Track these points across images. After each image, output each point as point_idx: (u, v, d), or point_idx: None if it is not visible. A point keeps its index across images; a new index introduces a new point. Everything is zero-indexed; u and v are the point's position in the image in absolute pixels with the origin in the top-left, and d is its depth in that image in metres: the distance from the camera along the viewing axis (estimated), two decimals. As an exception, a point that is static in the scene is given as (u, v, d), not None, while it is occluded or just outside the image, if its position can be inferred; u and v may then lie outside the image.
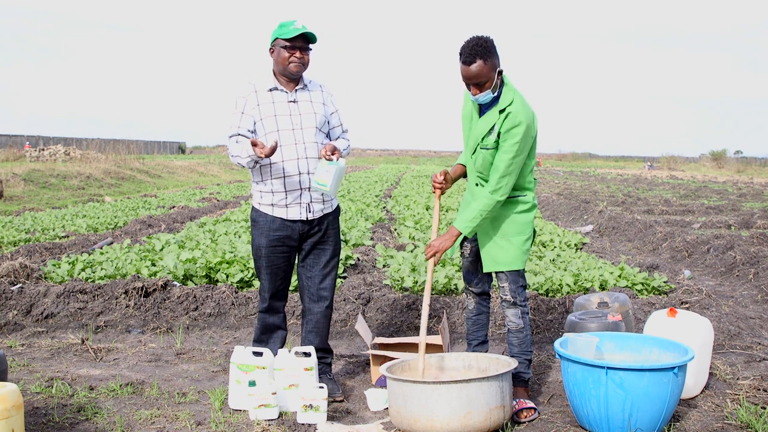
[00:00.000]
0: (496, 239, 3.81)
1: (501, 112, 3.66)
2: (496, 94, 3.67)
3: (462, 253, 4.06)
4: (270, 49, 3.95)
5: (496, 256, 3.81)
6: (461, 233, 3.77)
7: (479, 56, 3.54)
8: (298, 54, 3.87)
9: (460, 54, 3.61)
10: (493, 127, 3.68)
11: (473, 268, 4.03)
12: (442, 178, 3.90)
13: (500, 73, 3.63)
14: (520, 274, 3.84)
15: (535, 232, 3.95)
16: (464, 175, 4.06)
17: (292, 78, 3.96)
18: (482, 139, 3.73)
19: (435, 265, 3.84)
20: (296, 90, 3.98)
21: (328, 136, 4.10)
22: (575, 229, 11.44)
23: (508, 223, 3.80)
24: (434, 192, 3.96)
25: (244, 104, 3.94)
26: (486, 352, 4.08)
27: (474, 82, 3.61)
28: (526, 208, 3.84)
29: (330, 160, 3.78)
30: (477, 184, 3.89)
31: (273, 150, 3.65)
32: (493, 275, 4.05)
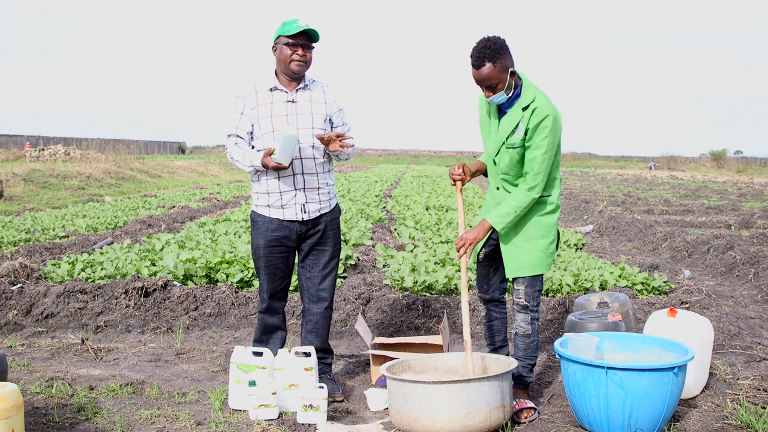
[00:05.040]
0: (520, 243, 3.74)
1: (525, 109, 3.60)
2: (510, 94, 3.63)
3: (477, 257, 3.99)
4: (273, 47, 3.94)
5: (521, 261, 3.73)
6: (492, 227, 3.72)
7: (488, 59, 3.51)
8: (300, 51, 3.86)
9: (470, 57, 3.57)
10: (518, 125, 3.62)
11: (485, 273, 3.97)
12: (461, 170, 3.85)
13: (513, 73, 3.57)
14: (537, 278, 3.77)
15: (559, 234, 3.87)
16: (484, 173, 3.98)
17: (293, 77, 3.95)
18: (507, 138, 3.67)
19: (468, 257, 3.73)
20: (296, 90, 3.97)
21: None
22: (575, 229, 11.44)
23: (532, 225, 3.73)
24: (454, 185, 3.91)
25: (243, 105, 3.94)
26: (507, 355, 4.00)
27: (485, 85, 3.58)
28: (551, 209, 3.77)
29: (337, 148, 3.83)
30: (498, 188, 3.84)
31: (278, 168, 3.74)
32: (509, 281, 3.97)
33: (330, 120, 4.04)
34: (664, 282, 6.56)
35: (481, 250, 3.95)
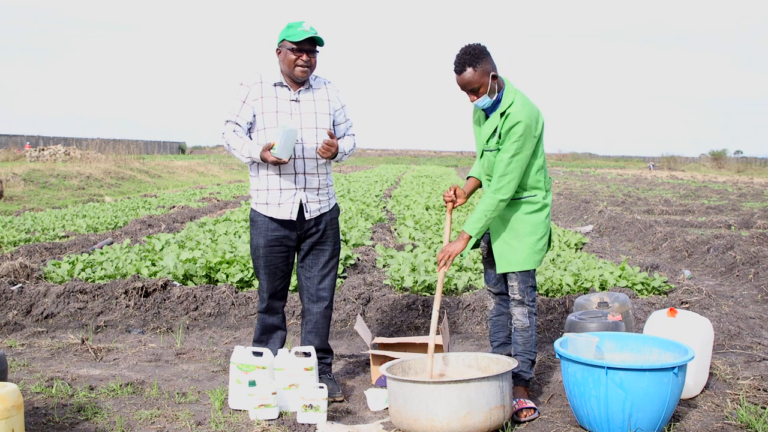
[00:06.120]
0: (508, 240, 3.84)
1: (502, 114, 3.73)
2: (494, 98, 3.74)
3: (481, 253, 4.11)
4: (277, 49, 3.93)
5: (509, 257, 3.84)
6: (471, 236, 3.82)
7: (468, 64, 3.66)
8: (304, 57, 3.85)
9: (453, 65, 3.72)
10: (496, 129, 3.76)
11: (490, 267, 4.05)
12: (452, 192, 4.00)
13: (495, 77, 3.69)
14: (530, 274, 3.86)
15: (550, 231, 3.97)
16: (480, 187, 4.12)
17: (297, 81, 3.96)
18: (486, 141, 3.81)
19: (447, 268, 3.88)
20: (299, 90, 3.97)
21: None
22: (575, 229, 11.44)
23: (518, 223, 3.84)
24: (446, 206, 4.06)
25: (247, 94, 3.92)
26: (508, 354, 4.04)
27: (468, 89, 3.73)
28: (536, 208, 3.85)
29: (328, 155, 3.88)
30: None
31: (278, 162, 3.73)
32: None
33: (333, 119, 4.04)
34: (664, 282, 6.56)
35: (483, 247, 4.05)
